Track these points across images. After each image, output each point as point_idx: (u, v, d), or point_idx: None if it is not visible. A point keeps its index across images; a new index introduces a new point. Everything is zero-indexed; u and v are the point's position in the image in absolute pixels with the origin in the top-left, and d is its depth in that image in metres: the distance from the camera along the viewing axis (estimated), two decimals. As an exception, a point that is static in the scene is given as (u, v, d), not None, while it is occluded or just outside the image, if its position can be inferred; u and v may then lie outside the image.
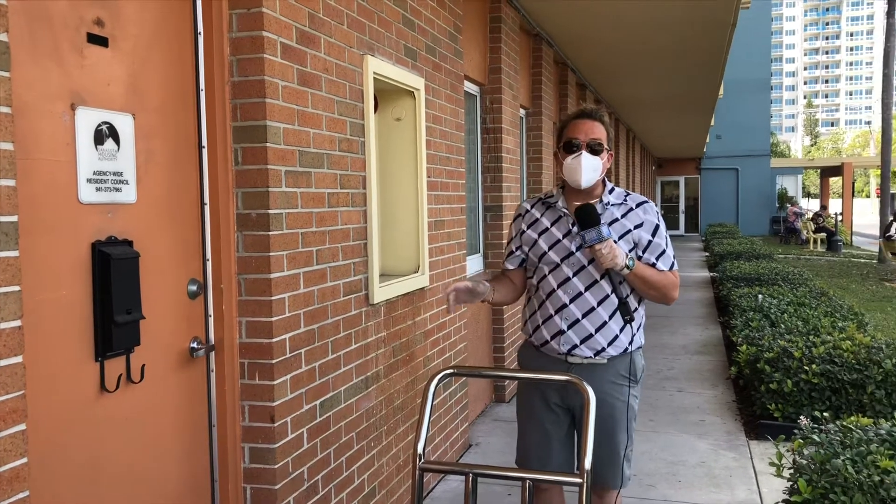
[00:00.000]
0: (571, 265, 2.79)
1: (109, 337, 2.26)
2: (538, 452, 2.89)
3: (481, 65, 6.09)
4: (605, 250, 2.65)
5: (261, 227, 2.76)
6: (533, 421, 2.90)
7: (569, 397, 2.83)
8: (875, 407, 5.13)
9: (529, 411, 2.92)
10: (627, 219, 2.82)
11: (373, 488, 3.64)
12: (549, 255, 2.81)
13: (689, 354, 8.17)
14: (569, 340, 2.78)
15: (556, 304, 2.80)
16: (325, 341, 3.17)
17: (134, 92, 2.41)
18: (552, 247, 2.82)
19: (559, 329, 2.79)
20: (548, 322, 2.82)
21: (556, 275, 2.80)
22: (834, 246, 24.65)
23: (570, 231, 2.81)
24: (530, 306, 2.93)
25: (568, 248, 2.80)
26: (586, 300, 2.77)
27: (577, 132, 2.80)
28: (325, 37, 3.16)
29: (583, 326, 2.77)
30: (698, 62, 10.12)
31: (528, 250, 2.89)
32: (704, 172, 34.48)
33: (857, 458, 2.94)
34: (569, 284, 2.79)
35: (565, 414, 2.88)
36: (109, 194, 2.30)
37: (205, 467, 2.76)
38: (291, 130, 2.90)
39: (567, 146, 2.79)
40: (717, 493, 4.37)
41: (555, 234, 2.84)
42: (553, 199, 2.91)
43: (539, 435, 2.89)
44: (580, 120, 2.83)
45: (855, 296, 13.12)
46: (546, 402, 2.87)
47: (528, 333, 2.92)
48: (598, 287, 2.77)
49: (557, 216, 2.87)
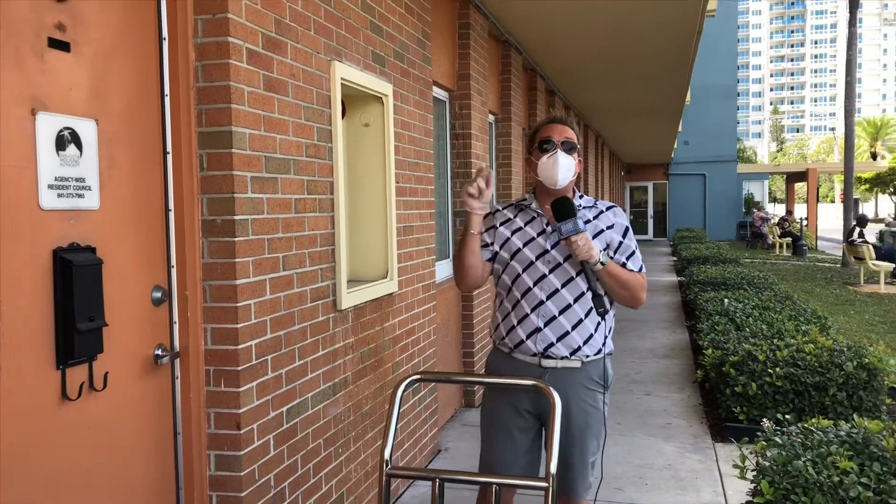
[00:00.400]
0: (547, 262, 2.80)
1: (71, 345, 2.24)
2: (504, 460, 2.86)
3: (450, 71, 6.11)
4: (580, 241, 2.67)
5: (226, 233, 2.75)
6: (500, 428, 2.88)
7: (541, 403, 2.82)
8: (837, 409, 5.22)
9: (497, 418, 2.89)
10: (599, 220, 2.88)
11: (340, 495, 3.63)
12: (524, 253, 2.82)
13: (656, 358, 8.25)
14: (545, 338, 2.78)
15: (532, 301, 2.80)
16: (292, 348, 3.16)
17: (97, 97, 2.39)
18: (527, 244, 2.83)
19: (536, 327, 2.79)
20: (524, 321, 2.81)
21: (532, 272, 2.81)
22: (799, 250, 25.04)
23: (544, 230, 2.83)
24: (502, 309, 2.91)
25: (543, 245, 2.82)
26: (563, 297, 2.79)
27: (550, 133, 2.86)
28: (292, 42, 3.16)
29: (559, 323, 2.78)
30: (665, 69, 10.25)
31: (500, 248, 2.89)
32: (672, 178, 34.86)
33: (817, 460, 2.99)
34: (545, 281, 2.79)
35: (535, 421, 2.87)
36: (71, 200, 2.28)
37: (170, 475, 2.73)
38: (257, 136, 2.89)
39: (541, 146, 2.84)
40: (683, 496, 4.41)
41: (529, 232, 2.85)
42: (526, 202, 2.94)
43: (506, 443, 2.86)
44: (552, 124, 2.91)
45: (819, 299, 13.34)
46: (515, 409, 2.84)
47: (501, 337, 2.89)
48: (574, 284, 2.79)
49: (531, 217, 2.89)
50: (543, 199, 2.89)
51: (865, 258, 15.89)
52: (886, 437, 3.06)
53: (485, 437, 2.96)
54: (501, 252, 2.89)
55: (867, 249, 15.98)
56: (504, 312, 2.90)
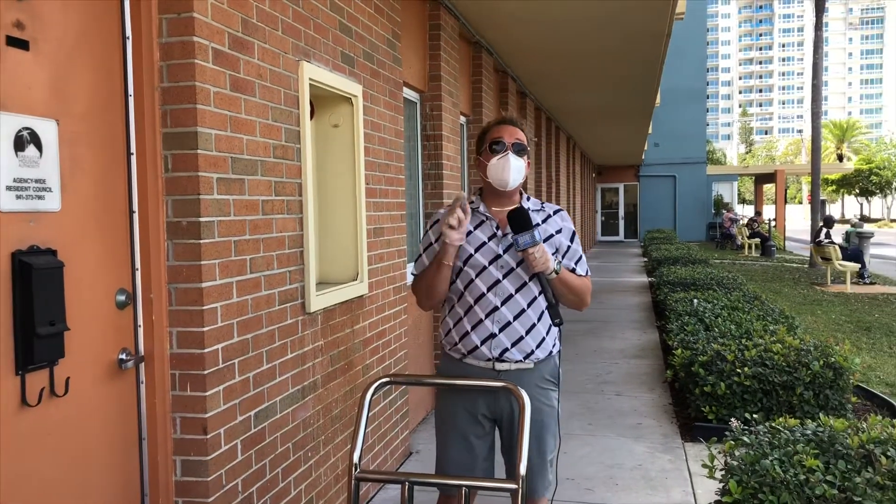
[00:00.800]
0: (500, 268, 2.78)
1: (31, 349, 2.19)
2: (462, 467, 2.84)
3: (421, 72, 6.10)
4: (538, 254, 2.66)
5: (192, 235, 2.71)
6: (457, 435, 2.85)
7: (498, 407, 2.81)
8: (804, 407, 5.28)
9: (453, 423, 2.86)
10: (548, 224, 2.86)
11: (310, 499, 3.60)
12: (476, 258, 2.79)
13: (627, 358, 8.29)
14: (500, 344, 2.77)
15: (486, 307, 2.78)
16: (260, 351, 3.13)
17: (57, 97, 2.34)
18: (478, 249, 2.80)
19: (490, 333, 2.78)
20: (478, 327, 2.79)
21: (485, 278, 2.78)
22: (767, 251, 25.36)
23: (495, 234, 2.81)
24: (453, 314, 2.86)
25: (495, 250, 2.79)
26: (517, 302, 2.78)
27: (501, 134, 2.83)
28: (260, 42, 3.12)
29: (514, 329, 2.77)
30: (635, 71, 10.33)
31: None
32: (643, 179, 35.15)
33: (784, 459, 3.02)
34: (499, 287, 2.78)
35: (491, 426, 2.86)
36: (31, 202, 2.23)
37: (135, 481, 2.69)
38: (224, 137, 2.85)
39: (492, 147, 2.81)
40: (653, 496, 4.44)
41: (480, 236, 2.82)
42: (474, 204, 2.88)
43: (463, 450, 2.84)
44: (503, 125, 2.87)
45: (787, 299, 13.51)
46: (472, 414, 2.82)
47: (453, 342, 2.85)
48: (527, 289, 2.79)
49: (480, 220, 2.85)
50: (491, 201, 2.88)
51: (832, 259, 16.12)
52: (851, 436, 3.10)
53: (441, 442, 2.92)
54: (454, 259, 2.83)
55: (834, 250, 16.21)
56: (456, 317, 2.85)
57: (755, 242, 26.49)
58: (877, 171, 59.02)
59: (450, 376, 2.86)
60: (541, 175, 13.37)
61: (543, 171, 13.61)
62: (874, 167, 59.30)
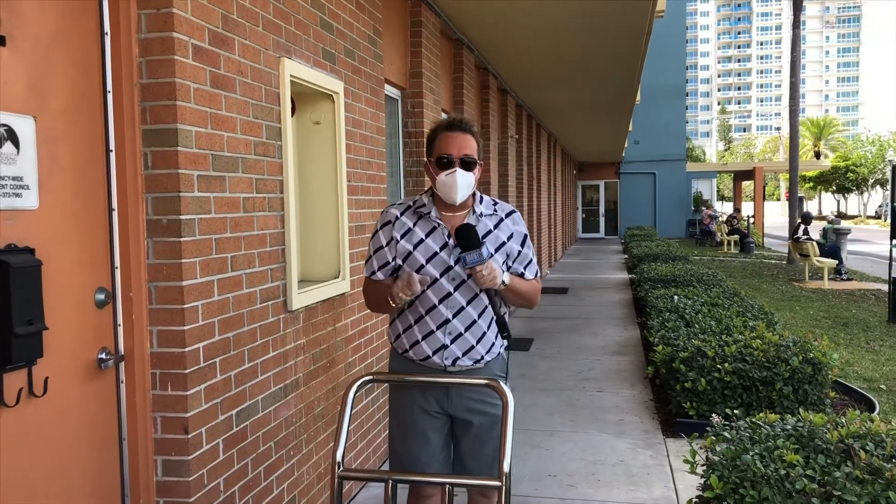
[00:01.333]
0: (451, 280, 2.72)
1: (8, 349, 2.16)
2: (420, 462, 2.83)
3: (402, 69, 6.08)
4: (485, 272, 2.61)
5: (172, 233, 2.69)
6: (414, 431, 2.83)
7: (450, 405, 2.80)
8: (783, 403, 5.33)
9: (410, 420, 2.83)
10: (500, 230, 2.80)
11: (292, 498, 3.58)
12: (427, 269, 2.72)
13: (608, 355, 8.33)
14: (452, 354, 2.75)
15: (437, 319, 2.74)
16: (242, 349, 3.11)
17: (35, 93, 2.31)
18: (429, 260, 2.72)
19: (442, 344, 2.75)
20: (429, 338, 2.76)
21: (436, 290, 2.73)
22: (746, 247, 25.56)
23: (446, 244, 2.73)
24: (403, 320, 2.81)
25: (446, 261, 2.71)
26: (468, 314, 2.75)
27: (449, 147, 2.72)
28: (240, 39, 3.10)
29: (465, 339, 2.76)
30: (615, 69, 10.36)
31: (402, 262, 2.76)
32: (623, 176, 35.30)
33: (764, 453, 3.04)
34: (451, 299, 2.73)
35: (446, 419, 2.85)
36: (8, 200, 2.20)
37: (115, 482, 2.66)
38: (204, 134, 2.83)
39: (439, 162, 2.72)
40: (635, 491, 4.46)
41: (431, 246, 2.73)
42: (425, 208, 2.79)
43: (422, 445, 2.83)
44: (451, 133, 2.74)
45: (766, 296, 13.62)
46: (425, 411, 2.81)
47: (403, 348, 2.82)
48: (478, 300, 2.76)
49: (431, 227, 2.76)
50: (443, 206, 2.78)
51: (810, 255, 16.28)
52: (830, 430, 3.13)
53: (396, 437, 2.89)
54: (405, 266, 2.76)
55: (812, 246, 16.36)
56: (406, 324, 2.81)
57: (734, 239, 26.69)
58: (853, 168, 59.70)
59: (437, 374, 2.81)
60: (521, 172, 13.39)
61: (524, 169, 13.63)
62: (851, 164, 59.97)
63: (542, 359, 8.13)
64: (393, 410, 2.93)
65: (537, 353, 8.43)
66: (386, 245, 2.80)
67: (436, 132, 2.79)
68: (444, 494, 2.42)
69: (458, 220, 2.77)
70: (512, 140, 11.79)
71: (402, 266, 2.76)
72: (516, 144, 12.89)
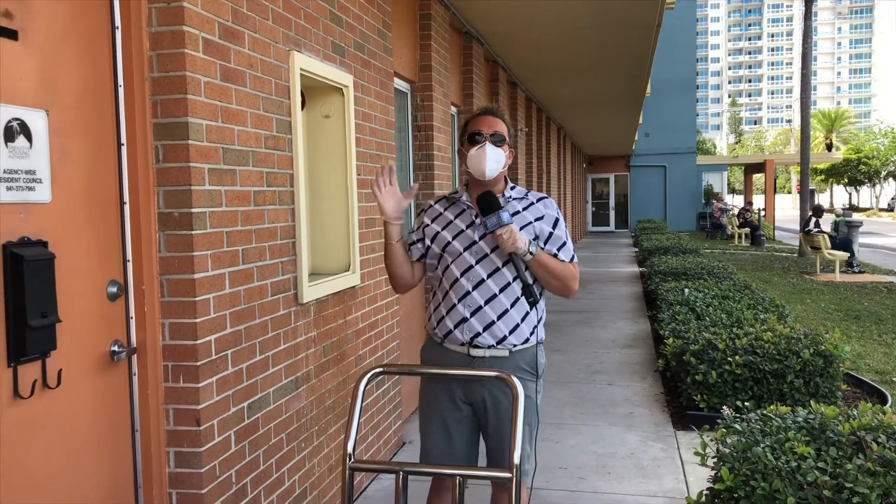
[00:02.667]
0: (474, 253, 2.83)
1: (23, 341, 2.18)
2: (442, 454, 2.88)
3: (412, 62, 6.08)
4: (505, 235, 2.69)
5: (183, 226, 2.70)
6: (437, 421, 2.89)
7: (472, 393, 2.84)
8: (794, 395, 5.31)
9: (433, 409, 2.91)
10: (528, 212, 2.89)
11: (304, 489, 3.60)
12: (453, 245, 2.85)
13: (618, 348, 8.32)
14: (472, 328, 2.80)
15: (459, 292, 2.83)
16: (253, 342, 3.12)
17: (47, 87, 2.32)
18: (456, 237, 2.86)
19: (462, 317, 2.81)
20: (452, 311, 2.84)
21: (459, 263, 2.84)
22: (757, 240, 25.45)
23: (473, 222, 2.86)
24: (434, 299, 2.94)
25: (471, 237, 2.84)
26: (488, 287, 2.81)
27: (480, 126, 2.88)
28: (250, 32, 3.11)
29: (485, 313, 2.80)
30: (626, 61, 10.32)
31: (431, 242, 2.92)
32: (633, 170, 35.20)
33: (776, 446, 3.04)
34: (472, 272, 2.82)
35: (469, 411, 2.88)
36: (21, 193, 2.21)
37: (128, 473, 2.68)
38: (214, 127, 2.84)
39: (471, 139, 2.87)
40: (645, 484, 4.46)
41: (458, 225, 2.89)
42: (457, 195, 2.97)
43: (442, 436, 2.89)
44: (483, 116, 2.92)
45: (776, 288, 13.57)
46: (451, 398, 2.86)
47: (433, 327, 2.92)
48: (500, 274, 2.81)
49: (461, 209, 2.92)
50: (475, 191, 2.91)
51: (821, 248, 16.20)
52: (842, 423, 3.12)
53: (423, 430, 2.98)
54: (433, 246, 2.92)
55: (823, 239, 16.28)
56: (436, 303, 2.93)
57: (745, 232, 26.58)
58: (865, 160, 59.25)
59: (439, 365, 2.89)
60: (531, 165, 13.37)
61: (534, 162, 13.61)
62: (863, 156, 59.52)
63: (552, 352, 8.12)
64: (423, 403, 3.00)
65: (547, 346, 8.40)
66: (419, 227, 3.00)
67: (469, 118, 2.97)
68: (455, 486, 2.43)
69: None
70: (522, 133, 11.77)
71: (431, 247, 2.92)
72: (526, 138, 12.87)
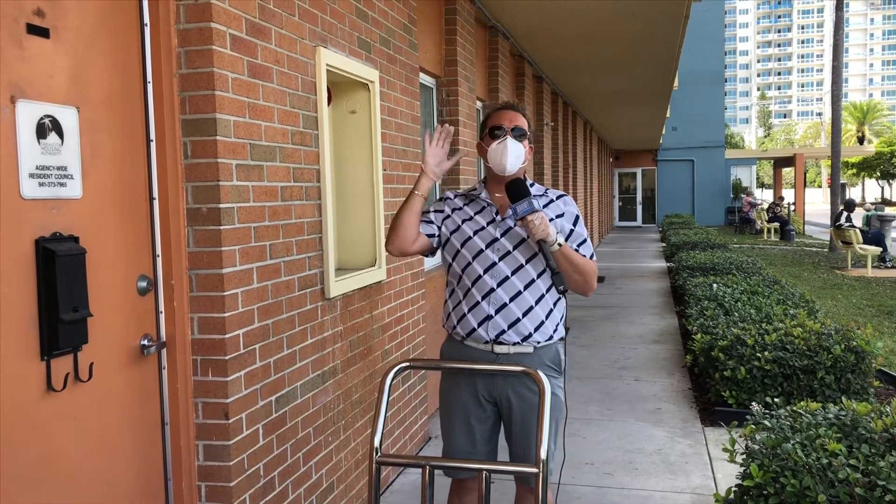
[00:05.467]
0: (497, 250, 2.80)
1: (55, 335, 2.21)
2: (463, 451, 2.86)
3: (437, 57, 6.08)
4: (536, 220, 2.66)
5: (212, 221, 2.72)
6: (459, 418, 2.87)
7: (496, 390, 2.81)
8: (825, 392, 5.25)
9: (455, 408, 2.88)
10: (549, 209, 2.86)
11: (331, 483, 3.62)
12: (474, 241, 2.82)
13: (645, 344, 8.27)
14: (497, 325, 2.77)
15: (482, 289, 2.79)
16: (280, 336, 3.14)
17: (78, 84, 2.35)
18: (476, 233, 2.83)
19: (487, 314, 2.78)
20: (475, 309, 2.80)
21: (482, 260, 2.80)
22: (787, 235, 25.14)
23: (493, 219, 2.84)
24: (454, 298, 2.89)
25: (493, 234, 2.82)
26: (513, 284, 2.78)
27: (500, 120, 2.86)
28: (276, 28, 3.12)
29: (510, 311, 2.77)
30: (653, 54, 10.23)
31: (451, 234, 2.88)
32: (661, 164, 34.92)
33: (806, 442, 3.01)
34: (496, 269, 2.79)
35: (492, 409, 2.86)
36: (53, 189, 2.25)
37: (158, 466, 2.71)
38: (242, 123, 2.86)
39: (492, 133, 2.85)
40: (673, 480, 4.43)
41: (479, 221, 2.85)
42: (476, 191, 2.94)
43: (464, 433, 2.86)
44: (503, 111, 2.90)
45: (807, 284, 13.40)
46: (475, 396, 2.83)
47: (453, 326, 2.87)
48: (524, 271, 2.79)
49: (481, 207, 2.89)
50: (493, 189, 2.90)
51: (853, 242, 15.97)
52: (874, 419, 3.08)
53: (444, 425, 2.96)
54: (452, 240, 2.88)
55: (854, 234, 16.06)
56: (456, 301, 2.88)
57: (774, 227, 26.27)
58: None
59: (463, 360, 2.86)
60: (557, 160, 13.31)
61: (560, 157, 13.54)
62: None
63: (578, 347, 8.09)
64: (445, 401, 2.97)
65: (573, 341, 8.40)
66: (437, 210, 2.95)
67: (489, 113, 2.94)
68: (481, 480, 2.43)
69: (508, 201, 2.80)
70: (547, 128, 11.72)
71: (451, 239, 2.88)
72: (552, 132, 12.81)
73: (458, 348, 2.88)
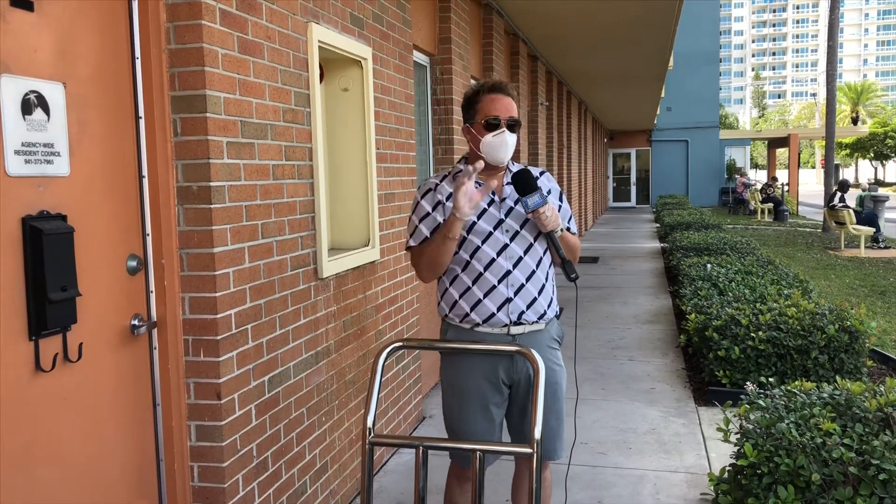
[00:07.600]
0: (506, 231, 2.74)
1: (43, 315, 2.18)
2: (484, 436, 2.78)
3: (431, 34, 6.01)
4: (548, 213, 2.65)
5: (202, 200, 2.68)
6: (477, 405, 2.77)
7: (515, 371, 2.77)
8: (819, 371, 5.25)
9: (472, 395, 2.77)
10: None
11: (325, 463, 3.61)
12: (480, 225, 2.73)
13: (639, 324, 8.27)
14: (517, 307, 2.74)
15: (498, 272, 2.73)
16: (273, 316, 3.12)
17: (64, 60, 2.30)
18: (480, 216, 2.74)
19: (507, 297, 2.73)
20: (491, 293, 2.73)
21: (492, 243, 2.73)
22: (781, 216, 25.18)
23: (493, 200, 2.77)
24: (458, 285, 2.77)
25: (497, 215, 2.75)
26: (527, 264, 2.76)
27: (497, 109, 2.73)
28: (267, 3, 3.07)
29: (528, 291, 2.75)
30: (648, 33, 10.17)
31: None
32: (655, 144, 34.86)
33: (800, 422, 3.00)
34: (509, 250, 2.74)
35: (507, 391, 2.81)
36: (40, 167, 2.20)
37: (149, 447, 2.69)
38: (233, 100, 2.81)
39: (488, 124, 2.72)
40: (666, 459, 4.44)
41: (479, 203, 2.72)
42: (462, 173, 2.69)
43: (483, 420, 2.78)
44: (496, 95, 2.75)
45: (800, 264, 13.42)
46: (493, 382, 2.76)
47: (463, 313, 2.76)
48: (533, 250, 2.77)
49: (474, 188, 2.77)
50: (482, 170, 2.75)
51: (846, 223, 15.99)
52: (868, 399, 3.08)
53: (455, 411, 2.83)
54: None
55: (848, 214, 16.07)
56: (462, 287, 2.77)
57: (768, 207, 26.29)
58: (892, 134, 58.27)
59: (467, 341, 2.77)
60: (552, 140, 13.26)
61: (555, 136, 13.49)
62: (890, 130, 58.52)
63: (572, 328, 8.09)
64: (449, 384, 2.85)
65: (567, 322, 8.39)
66: (433, 210, 2.79)
67: (478, 94, 2.78)
68: (476, 460, 2.41)
69: (495, 182, 2.77)
70: (542, 107, 11.66)
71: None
72: (546, 112, 12.75)
73: (469, 335, 2.78)
